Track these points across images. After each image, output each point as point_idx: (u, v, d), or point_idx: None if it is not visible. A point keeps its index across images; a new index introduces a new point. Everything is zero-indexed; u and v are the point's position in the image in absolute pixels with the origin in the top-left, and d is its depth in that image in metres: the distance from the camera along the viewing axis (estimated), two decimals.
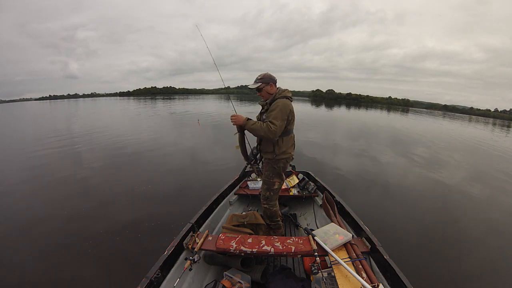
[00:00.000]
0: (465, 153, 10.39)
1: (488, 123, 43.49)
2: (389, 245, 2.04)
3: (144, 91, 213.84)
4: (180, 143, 9.33)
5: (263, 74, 2.25)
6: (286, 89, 2.28)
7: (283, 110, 2.10)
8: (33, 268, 2.82)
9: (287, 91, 2.27)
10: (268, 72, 2.29)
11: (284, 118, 2.11)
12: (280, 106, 2.10)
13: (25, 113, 32.95)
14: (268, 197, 2.39)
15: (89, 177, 5.64)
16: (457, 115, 76.93)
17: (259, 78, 2.24)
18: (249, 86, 2.29)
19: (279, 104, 2.12)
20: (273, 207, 2.43)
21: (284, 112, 2.11)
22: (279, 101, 2.15)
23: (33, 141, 9.94)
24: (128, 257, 2.94)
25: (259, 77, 2.25)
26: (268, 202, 2.41)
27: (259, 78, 2.24)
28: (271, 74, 2.26)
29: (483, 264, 3.03)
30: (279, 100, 2.17)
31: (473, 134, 18.56)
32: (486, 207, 4.79)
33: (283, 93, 2.23)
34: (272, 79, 2.24)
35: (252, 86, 2.26)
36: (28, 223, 3.71)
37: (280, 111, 2.09)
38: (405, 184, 5.72)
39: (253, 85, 2.26)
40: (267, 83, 2.22)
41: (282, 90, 2.26)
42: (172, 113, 21.76)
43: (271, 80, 2.23)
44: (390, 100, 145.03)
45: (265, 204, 2.43)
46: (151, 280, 1.63)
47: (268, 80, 2.22)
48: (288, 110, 2.14)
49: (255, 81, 2.25)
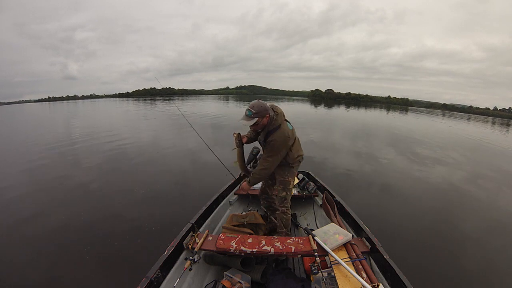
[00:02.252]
0: (464, 151, 10.40)
1: (488, 122, 43.54)
2: (389, 245, 2.04)
3: (143, 92, 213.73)
4: (180, 144, 9.32)
5: (257, 106, 1.98)
6: (277, 111, 2.09)
7: (280, 146, 2.04)
8: (33, 269, 2.81)
9: (280, 116, 2.09)
10: (258, 101, 2.03)
11: (280, 152, 2.07)
12: (275, 145, 2.03)
13: (25, 115, 32.87)
14: (285, 197, 2.33)
15: (89, 179, 5.62)
16: (457, 114, 77.01)
17: (254, 112, 1.96)
18: (244, 123, 2.03)
19: (276, 140, 2.02)
20: (289, 210, 2.36)
21: (280, 147, 2.05)
22: (274, 136, 2.03)
23: (33, 144, 9.92)
24: (128, 257, 2.94)
25: (254, 110, 1.96)
26: (285, 204, 2.33)
27: (254, 112, 1.96)
28: (262, 103, 2.01)
29: (484, 264, 3.03)
30: (276, 134, 2.03)
31: (473, 133, 18.57)
32: (487, 206, 4.79)
33: (277, 120, 2.06)
34: (266, 110, 2.00)
35: (248, 123, 2.02)
36: (28, 225, 3.70)
37: (277, 147, 2.03)
38: (405, 183, 5.72)
39: (248, 121, 2.00)
40: (263, 116, 2.00)
41: (275, 116, 2.06)
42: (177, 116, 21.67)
43: (266, 112, 2.00)
44: (390, 100, 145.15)
45: (282, 206, 2.33)
46: (151, 280, 1.63)
47: (263, 113, 1.99)
48: (285, 144, 2.08)
49: (249, 116, 1.97)
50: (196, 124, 15.07)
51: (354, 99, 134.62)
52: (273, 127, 2.06)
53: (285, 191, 2.32)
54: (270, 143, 2.05)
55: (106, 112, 29.06)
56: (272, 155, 2.07)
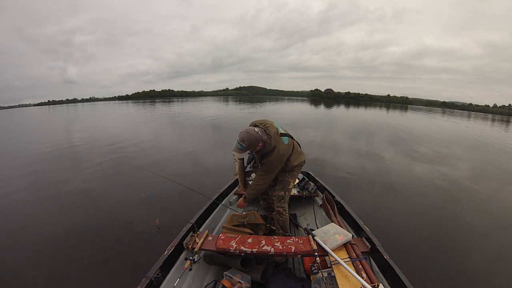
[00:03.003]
0: (464, 149, 10.40)
1: (487, 119, 43.53)
2: (389, 245, 2.03)
3: (142, 95, 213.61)
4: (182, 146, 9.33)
5: (247, 140, 1.87)
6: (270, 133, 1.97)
7: (274, 166, 2.08)
8: (33, 269, 2.82)
9: (274, 138, 1.98)
10: (247, 133, 1.88)
11: (275, 170, 2.12)
12: (269, 167, 2.07)
13: (25, 119, 32.89)
14: (283, 197, 2.31)
15: (89, 182, 5.61)
16: (456, 111, 76.97)
17: (245, 146, 1.89)
18: (235, 155, 2.04)
19: (271, 161, 2.04)
20: (286, 211, 2.35)
21: (275, 167, 2.10)
22: (271, 157, 2.02)
23: (32, 148, 9.91)
24: (128, 257, 2.94)
25: (244, 145, 1.88)
26: (282, 204, 2.32)
27: (245, 147, 1.89)
28: (252, 135, 1.88)
29: (484, 263, 3.03)
30: (271, 156, 2.02)
31: (474, 130, 18.55)
32: (488, 204, 4.78)
33: (270, 144, 1.98)
34: (258, 141, 1.90)
35: (239, 156, 2.04)
36: (28, 227, 3.70)
37: (271, 168, 2.08)
38: (405, 183, 5.71)
39: (240, 154, 1.98)
40: (255, 147, 1.92)
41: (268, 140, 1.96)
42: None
43: (258, 143, 1.90)
44: (389, 98, 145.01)
45: (279, 206, 2.33)
46: (151, 280, 1.64)
47: (255, 144, 1.89)
48: (281, 161, 2.10)
49: (241, 149, 1.92)
50: (196, 125, 15.11)
51: (354, 99, 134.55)
52: (267, 150, 2.03)
53: (284, 191, 2.31)
54: (265, 164, 2.08)
55: (105, 115, 29.05)
56: (267, 173, 2.12)
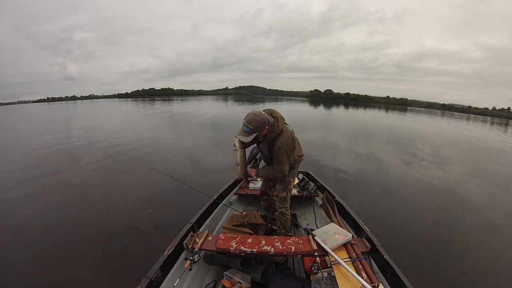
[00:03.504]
0: (463, 151, 10.42)
1: (487, 121, 43.64)
2: (389, 245, 2.03)
3: (142, 93, 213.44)
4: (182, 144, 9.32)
5: (254, 121, 1.82)
6: (277, 116, 1.99)
7: (287, 152, 2.01)
8: (32, 270, 2.80)
9: (280, 120, 1.99)
10: (254, 114, 1.85)
11: (289, 157, 2.05)
12: (282, 151, 1.97)
13: (24, 116, 32.76)
14: (286, 198, 2.31)
15: (88, 180, 5.60)
16: (456, 113, 77.15)
17: (252, 128, 1.82)
18: (242, 139, 1.90)
19: (280, 148, 1.96)
20: (288, 211, 2.35)
21: (288, 153, 2.03)
22: (278, 145, 1.95)
23: (32, 143, 9.89)
24: (128, 258, 2.93)
25: (251, 126, 1.81)
26: (284, 205, 2.31)
27: (252, 128, 1.82)
28: (259, 116, 1.84)
29: (484, 263, 3.03)
30: (278, 143, 1.95)
31: (472, 133, 18.60)
32: (487, 205, 4.79)
33: (278, 126, 1.96)
34: (265, 123, 1.86)
35: (247, 140, 1.89)
36: (27, 226, 3.68)
37: (285, 154, 1.99)
38: (405, 183, 5.73)
39: (246, 137, 1.87)
40: (262, 129, 1.86)
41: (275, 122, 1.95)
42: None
43: (265, 125, 1.86)
44: (389, 100, 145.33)
45: (281, 207, 2.31)
46: (151, 280, 1.63)
47: (262, 126, 1.85)
48: (291, 147, 2.05)
49: (247, 132, 1.83)
50: (196, 124, 15.10)
51: (353, 100, 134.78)
52: (275, 134, 1.98)
53: (286, 191, 2.30)
54: (277, 152, 1.98)
55: (105, 113, 28.99)
56: (282, 162, 2.03)
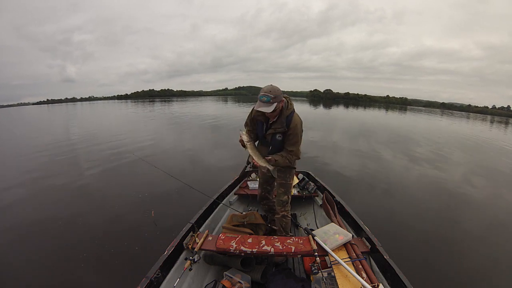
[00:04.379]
0: (464, 150, 10.40)
1: (486, 120, 43.64)
2: (389, 245, 2.03)
3: (142, 94, 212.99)
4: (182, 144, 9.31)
5: (273, 90, 1.77)
6: (284, 96, 1.95)
7: (301, 131, 1.96)
8: (32, 270, 2.80)
9: (290, 99, 1.98)
10: (271, 85, 1.82)
11: (301, 136, 2.00)
12: (299, 129, 1.92)
13: (25, 118, 32.70)
14: (287, 201, 2.27)
15: (88, 181, 5.59)
16: (456, 112, 77.15)
17: (273, 97, 1.75)
18: (263, 110, 1.79)
19: (298, 125, 1.90)
20: (289, 213, 2.31)
21: (301, 132, 1.98)
22: (296, 121, 1.90)
23: (31, 147, 9.86)
24: (128, 257, 2.93)
25: (271, 95, 1.76)
26: (286, 208, 2.26)
27: (273, 97, 1.76)
28: (276, 87, 1.81)
29: (484, 263, 3.03)
30: (295, 120, 1.91)
31: (471, 131, 18.57)
32: (487, 205, 4.78)
33: (290, 106, 1.94)
34: (281, 94, 1.84)
35: (268, 110, 1.79)
36: (26, 228, 3.67)
37: (300, 134, 1.94)
38: (405, 183, 5.72)
39: (268, 107, 1.78)
40: (280, 100, 1.83)
41: (287, 101, 1.94)
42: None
43: (281, 96, 1.84)
44: (388, 99, 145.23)
45: (283, 211, 2.25)
46: (151, 280, 1.63)
47: (280, 96, 1.82)
48: (302, 129, 2.01)
49: (268, 101, 1.76)
50: (195, 125, 15.09)
51: (353, 99, 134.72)
52: (290, 111, 1.93)
53: (287, 195, 2.26)
54: (295, 129, 1.91)
55: (105, 114, 28.97)
56: (299, 143, 1.97)
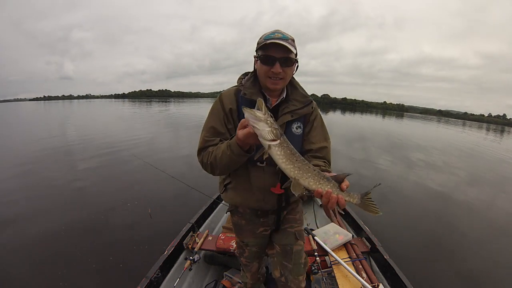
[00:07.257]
0: (461, 156, 10.52)
1: (482, 128, 44.15)
2: (389, 245, 2.05)
3: (139, 94, 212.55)
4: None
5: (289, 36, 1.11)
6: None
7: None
8: (32, 271, 2.75)
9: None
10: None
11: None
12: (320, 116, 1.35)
13: (20, 114, 32.40)
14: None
15: (85, 186, 5.52)
16: (452, 120, 78.00)
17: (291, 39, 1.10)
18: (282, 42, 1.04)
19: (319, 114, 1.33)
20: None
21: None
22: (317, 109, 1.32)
23: (28, 146, 9.74)
24: (127, 257, 2.90)
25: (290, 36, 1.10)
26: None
27: (291, 39, 1.10)
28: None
29: (483, 264, 3.05)
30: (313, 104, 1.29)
31: (468, 139, 18.77)
32: (486, 207, 4.84)
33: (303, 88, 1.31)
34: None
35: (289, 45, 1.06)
36: (26, 228, 3.62)
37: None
38: (405, 184, 5.77)
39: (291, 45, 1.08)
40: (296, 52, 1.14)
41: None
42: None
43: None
44: (385, 105, 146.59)
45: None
46: (151, 280, 1.62)
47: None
48: None
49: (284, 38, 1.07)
50: (195, 125, 15.06)
51: (350, 104, 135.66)
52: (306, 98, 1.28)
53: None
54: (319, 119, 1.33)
55: (104, 112, 28.82)
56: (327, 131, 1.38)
